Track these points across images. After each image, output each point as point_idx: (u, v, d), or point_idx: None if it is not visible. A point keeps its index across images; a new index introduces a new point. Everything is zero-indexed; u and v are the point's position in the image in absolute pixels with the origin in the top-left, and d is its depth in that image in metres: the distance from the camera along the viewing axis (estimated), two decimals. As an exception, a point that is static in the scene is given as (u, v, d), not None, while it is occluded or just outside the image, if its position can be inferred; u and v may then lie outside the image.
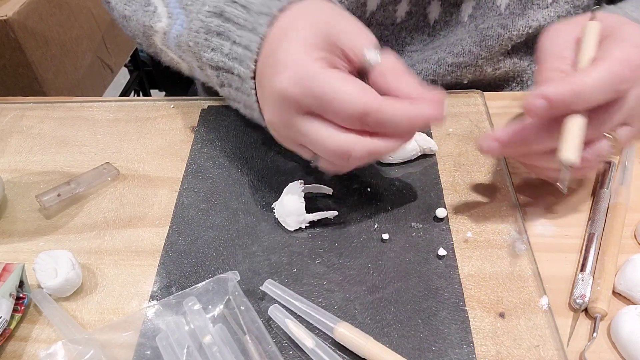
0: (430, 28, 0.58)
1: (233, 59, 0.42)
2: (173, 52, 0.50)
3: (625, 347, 0.36)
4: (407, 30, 0.59)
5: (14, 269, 0.40)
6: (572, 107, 0.37)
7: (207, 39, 0.44)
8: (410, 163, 0.50)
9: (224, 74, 0.44)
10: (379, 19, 0.57)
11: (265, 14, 0.41)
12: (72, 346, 0.37)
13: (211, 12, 0.43)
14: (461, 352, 0.37)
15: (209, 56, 0.44)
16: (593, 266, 0.41)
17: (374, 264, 0.42)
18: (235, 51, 0.42)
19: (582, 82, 0.37)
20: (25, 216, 0.48)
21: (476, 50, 0.57)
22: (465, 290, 0.40)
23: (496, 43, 0.57)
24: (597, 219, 0.44)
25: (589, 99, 0.37)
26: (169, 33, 0.49)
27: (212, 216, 0.47)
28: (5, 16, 0.88)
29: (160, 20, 0.49)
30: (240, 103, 0.46)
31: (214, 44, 0.43)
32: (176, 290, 0.41)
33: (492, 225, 0.45)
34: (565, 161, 0.37)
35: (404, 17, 0.57)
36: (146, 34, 0.52)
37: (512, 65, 0.61)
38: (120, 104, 0.60)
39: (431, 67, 0.59)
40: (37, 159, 0.53)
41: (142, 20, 0.51)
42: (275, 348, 0.37)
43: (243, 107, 0.46)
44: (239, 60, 0.42)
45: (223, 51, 0.43)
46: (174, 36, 0.48)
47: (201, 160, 0.52)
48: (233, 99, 0.47)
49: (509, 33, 0.56)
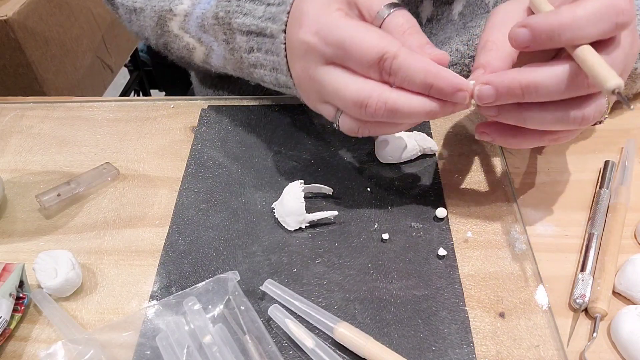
0: (423, 27, 0.59)
1: (267, 19, 0.44)
2: (192, 34, 0.52)
3: (625, 347, 0.36)
4: None
5: (14, 269, 0.40)
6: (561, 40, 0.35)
7: (239, 5, 0.46)
8: (410, 163, 0.50)
9: (255, 38, 0.45)
10: None
11: None
12: (72, 346, 0.37)
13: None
14: (461, 352, 0.37)
15: (240, 21, 0.46)
16: (593, 266, 0.41)
17: (374, 264, 0.42)
18: (269, 11, 0.44)
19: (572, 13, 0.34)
20: (25, 216, 0.48)
21: (463, 49, 0.57)
22: (465, 290, 0.40)
23: None
24: (597, 219, 0.44)
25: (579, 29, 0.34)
26: (191, 14, 0.50)
27: (212, 216, 0.47)
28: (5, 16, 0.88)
29: (182, 3, 0.51)
30: (267, 68, 0.46)
31: (247, 9, 0.45)
32: (176, 290, 0.41)
33: (492, 225, 0.45)
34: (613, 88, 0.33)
35: None
36: (161, 21, 0.53)
37: None
38: (120, 104, 0.60)
39: None
40: (37, 159, 0.53)
41: (158, 7, 0.53)
42: (275, 348, 0.37)
43: (269, 72, 0.47)
44: (272, 19, 0.43)
45: (256, 15, 0.45)
46: (197, 16, 0.50)
47: (201, 160, 0.52)
48: (260, 65, 0.47)
49: None
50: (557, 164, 0.50)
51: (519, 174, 0.49)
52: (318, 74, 0.40)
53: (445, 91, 0.37)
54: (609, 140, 0.52)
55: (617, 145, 0.52)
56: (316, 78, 0.40)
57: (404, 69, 0.37)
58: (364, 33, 0.37)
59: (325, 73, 0.40)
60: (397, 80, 0.38)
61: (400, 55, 0.37)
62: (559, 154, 0.51)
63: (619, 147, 0.51)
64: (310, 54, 0.40)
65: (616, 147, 0.51)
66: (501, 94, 0.37)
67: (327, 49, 0.38)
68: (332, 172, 0.50)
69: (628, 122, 0.54)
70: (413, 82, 0.37)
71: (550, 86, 0.35)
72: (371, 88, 0.38)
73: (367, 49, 0.37)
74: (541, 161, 0.50)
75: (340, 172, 0.50)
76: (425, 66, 0.37)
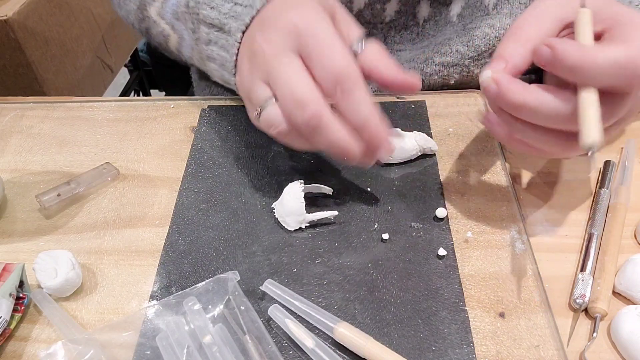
0: (420, 27, 0.59)
1: (230, 17, 0.45)
2: (167, 21, 0.53)
3: (625, 347, 0.36)
4: (396, 29, 0.59)
5: (14, 269, 0.40)
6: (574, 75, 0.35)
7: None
8: (410, 163, 0.50)
9: (215, 32, 0.47)
10: (366, 17, 0.58)
11: None
12: (72, 346, 0.37)
13: None
14: (461, 352, 0.37)
15: (206, 13, 0.47)
16: (593, 266, 0.41)
17: (374, 264, 0.42)
18: (235, 10, 0.45)
19: (594, 54, 0.34)
20: (25, 216, 0.48)
21: (463, 50, 0.57)
22: (465, 290, 0.40)
23: (483, 43, 0.57)
24: (597, 219, 0.44)
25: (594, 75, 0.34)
26: (167, 1, 0.52)
27: (212, 216, 0.47)
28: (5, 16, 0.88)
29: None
30: (217, 62, 0.48)
31: (215, 3, 0.47)
32: (176, 290, 0.41)
33: (492, 225, 0.45)
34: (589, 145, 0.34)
35: (393, 16, 0.58)
36: (142, 6, 0.55)
37: None
38: (120, 104, 0.60)
39: (419, 66, 0.59)
40: (37, 159, 0.53)
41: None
42: (275, 348, 0.37)
43: (218, 67, 0.48)
44: (235, 18, 0.45)
45: (222, 10, 0.46)
46: (172, 3, 0.52)
47: (201, 160, 0.52)
48: (213, 59, 0.48)
49: (495, 32, 0.57)
50: (557, 164, 0.50)
51: (519, 174, 0.49)
52: (283, 55, 0.40)
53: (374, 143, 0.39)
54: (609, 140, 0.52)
55: (617, 145, 0.52)
56: (280, 58, 0.40)
57: (357, 99, 0.38)
58: (343, 48, 0.39)
59: (289, 58, 0.40)
60: (346, 104, 0.38)
61: (360, 85, 0.38)
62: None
63: (619, 147, 0.51)
64: (291, 35, 0.40)
65: (616, 147, 0.51)
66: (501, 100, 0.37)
67: (308, 40, 0.39)
68: (332, 172, 0.50)
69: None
70: (357, 114, 0.38)
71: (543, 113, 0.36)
72: (318, 98, 0.38)
73: (340, 61, 0.38)
74: (541, 161, 0.50)
75: (340, 172, 0.50)
76: (373, 109, 0.38)
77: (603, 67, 0.34)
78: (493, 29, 0.56)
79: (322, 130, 0.39)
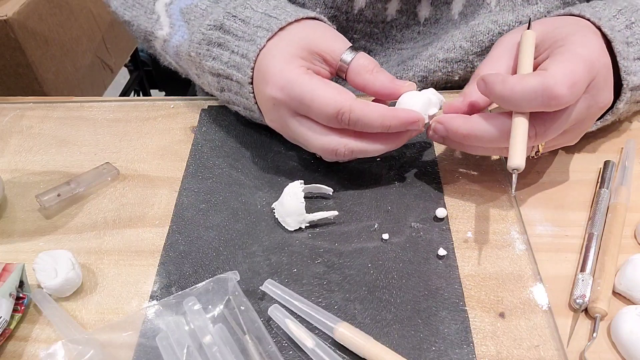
0: (421, 26, 0.59)
1: (232, 66, 0.47)
2: (171, 57, 0.55)
3: (625, 347, 0.36)
4: (397, 28, 0.59)
5: (14, 269, 0.40)
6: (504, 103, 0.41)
7: (208, 49, 0.48)
8: (410, 163, 0.50)
9: (224, 80, 0.49)
10: (368, 16, 0.58)
11: (265, 29, 0.46)
12: (72, 346, 0.37)
13: (212, 25, 0.48)
14: (461, 352, 0.37)
15: (210, 64, 0.49)
16: (593, 266, 0.41)
17: (374, 264, 0.42)
18: (234, 60, 0.47)
19: (512, 85, 0.39)
20: (25, 216, 0.48)
21: (467, 46, 0.58)
22: (465, 290, 0.40)
23: (486, 38, 0.57)
24: (597, 219, 0.44)
25: (516, 103, 0.40)
26: (168, 41, 0.53)
27: (212, 216, 0.47)
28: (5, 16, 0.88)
29: (162, 29, 0.54)
30: (240, 106, 0.51)
31: (215, 54, 0.48)
32: (176, 290, 0.41)
33: (492, 225, 0.45)
34: (513, 168, 0.39)
35: (394, 15, 0.58)
36: (147, 38, 0.56)
37: None
38: (120, 104, 0.60)
39: (422, 62, 0.59)
40: (37, 159, 0.53)
41: (144, 26, 0.56)
42: (275, 348, 0.37)
43: (243, 109, 0.51)
44: (237, 68, 0.47)
45: (222, 60, 0.48)
46: (173, 45, 0.53)
47: (201, 160, 0.52)
48: (233, 103, 0.51)
49: (499, 28, 0.57)
50: (557, 164, 0.50)
51: (519, 174, 0.49)
52: (289, 123, 0.45)
53: (401, 128, 0.43)
54: (609, 140, 0.52)
55: (617, 145, 0.52)
56: (288, 127, 0.45)
57: (361, 120, 0.42)
58: (323, 90, 0.42)
59: (295, 124, 0.45)
60: (358, 129, 0.43)
61: (356, 109, 0.42)
62: (558, 154, 0.51)
63: (619, 147, 0.51)
64: (278, 107, 0.44)
65: (616, 147, 0.51)
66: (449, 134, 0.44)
67: (292, 102, 0.43)
68: (332, 172, 0.50)
69: (628, 122, 0.54)
70: (372, 128, 0.43)
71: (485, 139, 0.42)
72: (337, 141, 0.44)
73: (326, 106, 0.42)
74: (541, 161, 0.50)
75: (340, 172, 0.50)
76: (381, 112, 0.42)
77: (522, 96, 0.39)
78: (496, 24, 0.57)
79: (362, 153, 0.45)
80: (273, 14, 0.47)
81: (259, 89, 0.46)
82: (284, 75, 0.43)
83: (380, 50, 0.61)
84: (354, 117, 0.42)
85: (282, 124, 0.46)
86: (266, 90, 0.44)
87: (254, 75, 0.46)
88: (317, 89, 0.42)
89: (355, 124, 0.42)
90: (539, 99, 0.38)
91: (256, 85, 0.46)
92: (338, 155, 0.44)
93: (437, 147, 0.52)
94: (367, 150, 0.44)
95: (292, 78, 0.43)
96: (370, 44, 0.61)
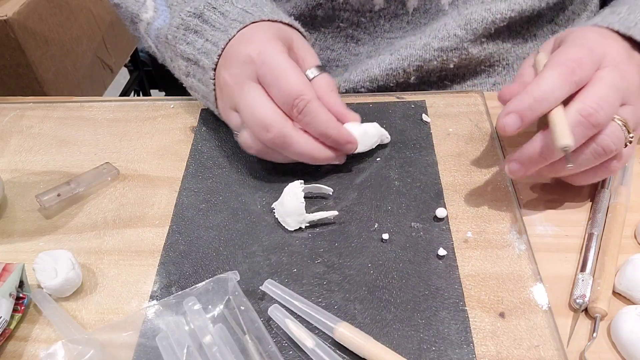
0: (410, 16, 0.59)
1: (202, 52, 0.49)
2: (152, 41, 0.57)
3: (625, 347, 0.36)
4: (385, 17, 0.60)
5: (14, 269, 0.40)
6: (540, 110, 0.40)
7: (184, 34, 0.51)
8: (410, 163, 0.50)
9: (192, 66, 0.51)
10: (354, 5, 0.58)
11: (239, 21, 0.48)
12: (72, 346, 0.37)
13: (191, 12, 0.51)
14: (461, 352, 0.37)
15: (183, 48, 0.51)
16: (593, 266, 0.41)
17: (374, 264, 0.42)
18: (205, 47, 0.49)
19: (537, 86, 0.40)
20: (25, 216, 0.48)
21: (461, 34, 0.58)
22: (465, 290, 0.40)
23: (480, 26, 0.58)
24: (597, 219, 0.44)
25: (550, 98, 0.40)
26: (151, 24, 0.56)
27: (212, 216, 0.47)
28: (5, 16, 0.88)
29: (147, 12, 0.56)
30: (199, 93, 0.52)
31: (190, 39, 0.50)
32: (176, 290, 0.41)
33: (492, 225, 0.45)
34: (562, 147, 0.38)
35: (382, 5, 0.58)
36: (133, 20, 0.59)
37: (496, 47, 0.61)
38: (120, 104, 0.60)
39: (417, 52, 0.59)
40: (37, 159, 0.53)
41: (131, 8, 0.58)
42: (275, 348, 0.37)
43: (201, 97, 0.53)
44: (206, 54, 0.49)
45: (196, 46, 0.50)
46: (155, 28, 0.55)
47: (201, 160, 0.52)
48: (194, 90, 0.53)
49: (492, 16, 0.57)
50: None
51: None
52: (245, 85, 0.45)
53: (340, 142, 0.46)
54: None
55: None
56: (242, 87, 0.46)
57: (312, 114, 0.44)
58: (294, 72, 0.44)
59: (250, 87, 0.45)
60: (304, 121, 0.45)
61: (314, 103, 0.44)
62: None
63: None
64: (247, 65, 0.45)
65: (616, 147, 0.51)
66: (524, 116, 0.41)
67: (262, 68, 0.45)
68: (332, 172, 0.50)
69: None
70: (315, 128, 0.45)
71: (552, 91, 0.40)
72: (279, 118, 0.44)
73: (292, 85, 0.44)
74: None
75: (340, 172, 0.50)
76: (331, 119, 0.46)
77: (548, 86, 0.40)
78: (490, 12, 0.57)
79: (289, 146, 0.45)
80: (250, 10, 0.50)
81: (238, 48, 0.47)
82: (269, 45, 0.46)
83: (368, 39, 0.61)
84: (309, 108, 0.44)
85: (236, 82, 0.46)
86: (246, 48, 0.46)
87: (220, 59, 0.48)
88: (291, 69, 0.44)
89: (305, 116, 0.44)
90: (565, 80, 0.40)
91: (235, 46, 0.47)
92: (269, 133, 0.44)
93: (437, 147, 0.52)
94: (294, 143, 0.45)
95: (274, 50, 0.45)
96: (357, 33, 0.61)
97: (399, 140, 0.53)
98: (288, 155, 0.46)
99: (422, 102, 0.57)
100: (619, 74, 0.41)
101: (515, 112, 0.40)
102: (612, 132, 0.40)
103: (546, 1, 0.58)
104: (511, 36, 0.61)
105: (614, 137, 0.40)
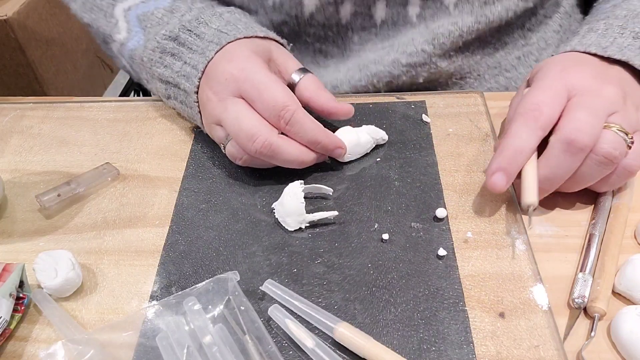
0: (377, 28, 0.59)
1: (182, 76, 0.50)
2: (125, 60, 0.58)
3: (625, 347, 0.36)
4: (353, 30, 0.59)
5: (14, 269, 0.40)
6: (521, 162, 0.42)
7: (161, 57, 0.51)
8: (410, 163, 0.50)
9: (172, 88, 0.51)
10: (320, 20, 0.58)
11: (216, 43, 0.49)
12: (72, 346, 0.37)
13: (167, 35, 0.51)
14: (461, 352, 0.37)
15: (160, 71, 0.51)
16: (593, 266, 0.41)
17: (374, 264, 0.42)
18: (185, 69, 0.50)
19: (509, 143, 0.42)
20: (25, 216, 0.48)
21: (429, 49, 0.58)
22: (465, 290, 0.41)
23: (448, 40, 0.57)
24: (600, 220, 0.44)
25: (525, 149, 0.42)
26: (125, 45, 0.56)
27: (212, 216, 0.47)
28: (5, 16, 0.88)
29: (120, 33, 0.56)
30: (184, 114, 0.53)
31: (167, 62, 0.51)
32: (176, 290, 0.41)
33: (492, 225, 0.45)
34: (526, 205, 0.42)
35: (349, 18, 0.58)
36: (105, 40, 0.59)
37: (466, 59, 0.61)
38: (120, 104, 0.60)
39: (386, 69, 0.59)
40: (37, 159, 0.53)
41: (102, 29, 0.58)
42: (275, 348, 0.37)
43: (187, 116, 0.53)
44: (187, 77, 0.49)
45: (174, 69, 0.50)
46: (129, 49, 0.55)
47: (201, 160, 0.52)
48: (178, 111, 0.54)
49: (459, 30, 0.57)
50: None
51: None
52: (227, 100, 0.46)
53: (329, 148, 0.47)
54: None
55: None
56: (225, 102, 0.46)
57: (299, 123, 0.45)
58: (277, 85, 0.45)
59: (233, 102, 0.46)
60: (292, 131, 0.46)
61: (300, 112, 0.45)
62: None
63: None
64: (230, 83, 0.46)
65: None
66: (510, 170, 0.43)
67: (245, 84, 0.46)
68: (332, 172, 0.50)
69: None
70: (304, 136, 0.46)
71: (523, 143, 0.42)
72: (265, 128, 0.45)
73: (276, 97, 0.45)
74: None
75: (340, 172, 0.50)
76: (318, 126, 0.46)
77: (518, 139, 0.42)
78: (456, 26, 0.56)
79: (276, 154, 0.45)
80: (225, 30, 0.50)
81: (219, 65, 0.47)
82: (249, 61, 0.47)
83: (337, 52, 0.61)
84: (295, 117, 0.45)
85: (220, 98, 0.46)
86: (227, 66, 0.47)
87: (202, 81, 0.48)
88: (274, 82, 0.45)
89: (292, 126, 0.45)
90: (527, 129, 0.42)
91: (216, 64, 0.48)
92: (255, 143, 0.44)
93: (437, 147, 0.52)
94: (282, 152, 0.45)
95: (255, 66, 0.46)
96: (326, 47, 0.61)
97: (399, 140, 0.53)
98: (276, 163, 0.47)
99: (422, 102, 0.57)
100: (591, 96, 0.42)
101: (499, 170, 0.42)
102: (607, 139, 0.41)
103: (514, 10, 0.57)
104: (480, 47, 0.60)
105: (611, 142, 0.41)
